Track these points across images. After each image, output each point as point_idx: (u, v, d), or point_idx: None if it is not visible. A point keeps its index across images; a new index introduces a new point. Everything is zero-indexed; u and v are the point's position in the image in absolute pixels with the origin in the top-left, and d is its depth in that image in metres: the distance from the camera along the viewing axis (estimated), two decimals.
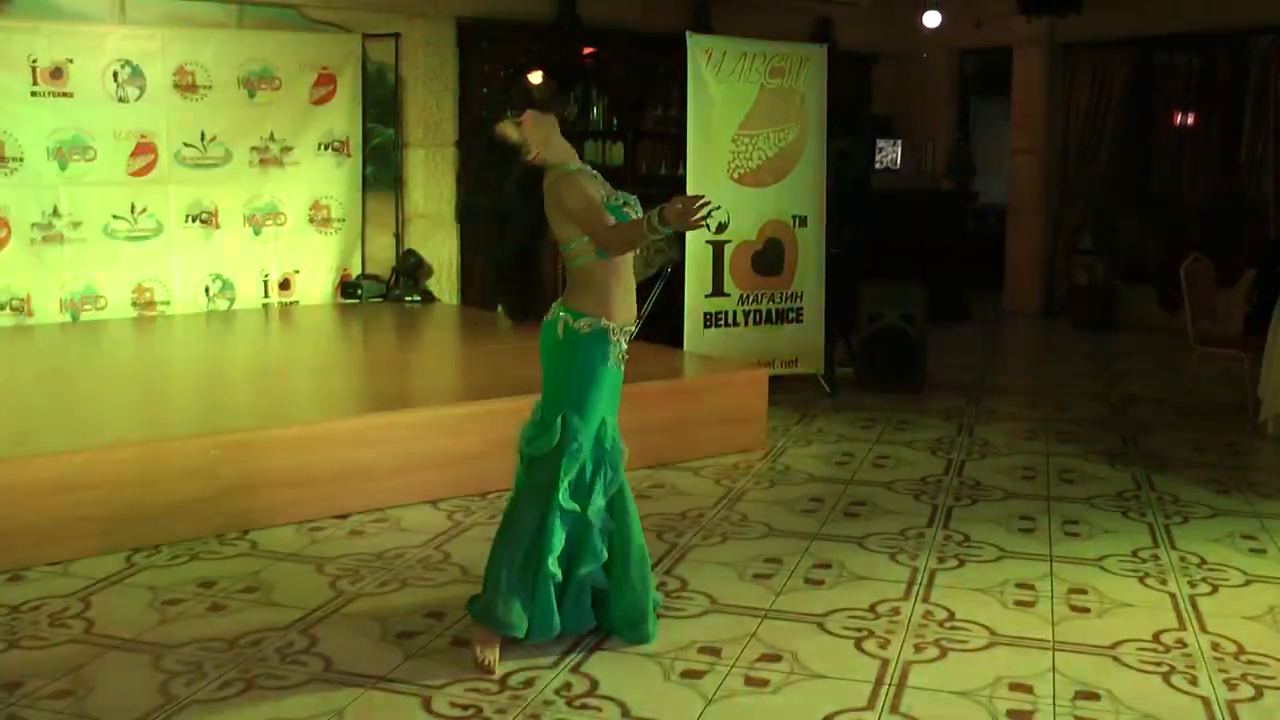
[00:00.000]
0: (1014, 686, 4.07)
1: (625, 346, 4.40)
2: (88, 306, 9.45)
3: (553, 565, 4.26)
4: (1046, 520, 5.97)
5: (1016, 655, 4.34)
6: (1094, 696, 4.01)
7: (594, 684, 4.10)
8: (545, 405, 4.37)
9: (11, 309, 9.14)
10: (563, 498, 4.25)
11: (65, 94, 9.19)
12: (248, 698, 4.00)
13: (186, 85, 9.64)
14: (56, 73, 9.12)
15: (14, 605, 4.84)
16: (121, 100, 9.41)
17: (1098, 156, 13.34)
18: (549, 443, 4.28)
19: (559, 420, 4.29)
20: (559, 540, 4.27)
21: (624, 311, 4.38)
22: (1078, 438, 7.76)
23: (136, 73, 9.44)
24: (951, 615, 4.70)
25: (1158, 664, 4.27)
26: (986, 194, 14.37)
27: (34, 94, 9.07)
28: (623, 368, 4.44)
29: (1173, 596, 4.95)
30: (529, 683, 4.09)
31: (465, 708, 3.92)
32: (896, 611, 4.74)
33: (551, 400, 4.35)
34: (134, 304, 9.65)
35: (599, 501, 4.33)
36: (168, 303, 9.75)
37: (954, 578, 5.14)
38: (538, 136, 4.36)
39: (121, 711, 3.92)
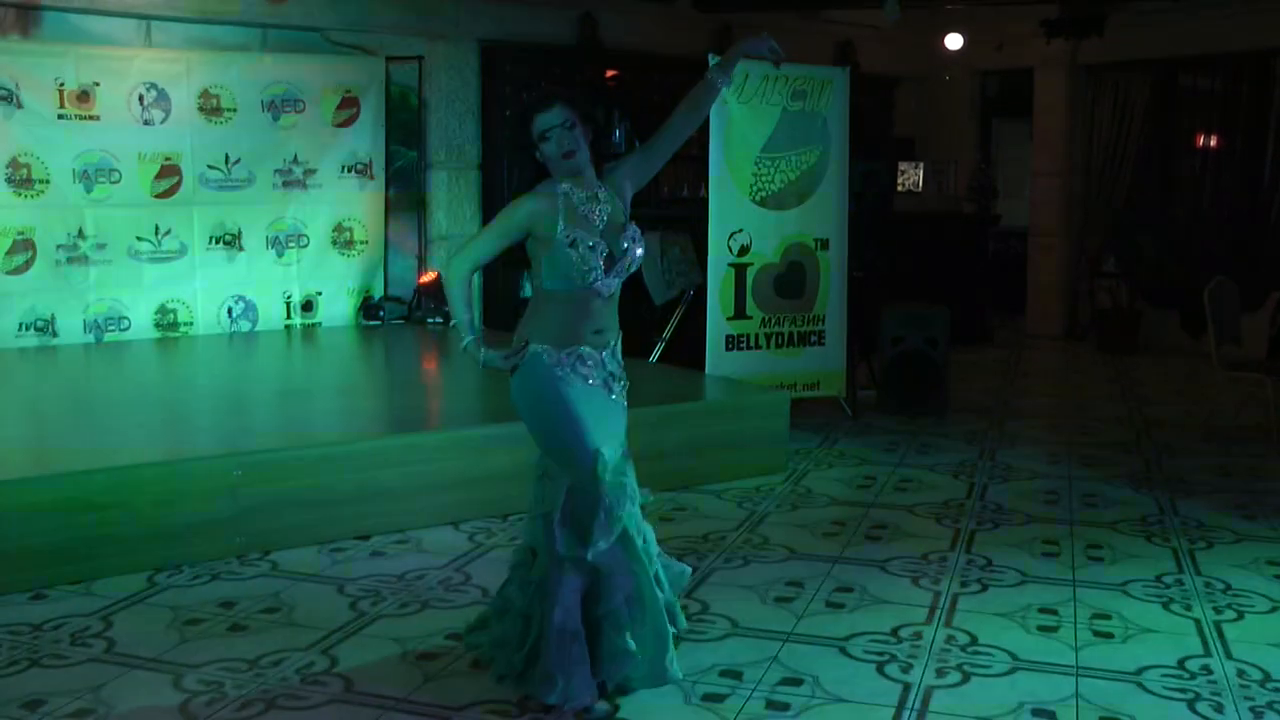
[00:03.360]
0: (1037, 712, 4.04)
1: (600, 369, 4.18)
2: (111, 327, 9.50)
3: (567, 621, 4.03)
4: (1070, 544, 5.94)
5: (1039, 680, 4.30)
6: None
7: (615, 707, 4.09)
8: (538, 458, 4.26)
9: (36, 329, 9.20)
10: (563, 548, 4.03)
11: (91, 117, 9.26)
12: (268, 718, 4.00)
13: (211, 108, 9.70)
14: (83, 96, 9.19)
15: (36, 624, 4.87)
16: (147, 123, 9.47)
17: (1120, 178, 13.30)
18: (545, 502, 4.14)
19: (543, 478, 4.20)
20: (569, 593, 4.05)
21: (568, 336, 4.15)
22: (1101, 461, 7.72)
23: (162, 96, 9.50)
24: (974, 640, 4.68)
25: (1182, 691, 4.24)
26: (1009, 216, 14.33)
27: (60, 117, 9.14)
28: (614, 392, 4.24)
29: (1197, 622, 4.91)
30: (548, 707, 4.08)
31: None
32: (919, 636, 4.72)
33: (539, 450, 4.25)
34: (157, 325, 9.70)
35: (600, 545, 4.02)
36: (191, 324, 9.79)
37: (977, 602, 5.12)
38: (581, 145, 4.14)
39: None
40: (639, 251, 4.24)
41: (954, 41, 13.26)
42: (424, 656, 4.46)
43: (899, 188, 14.03)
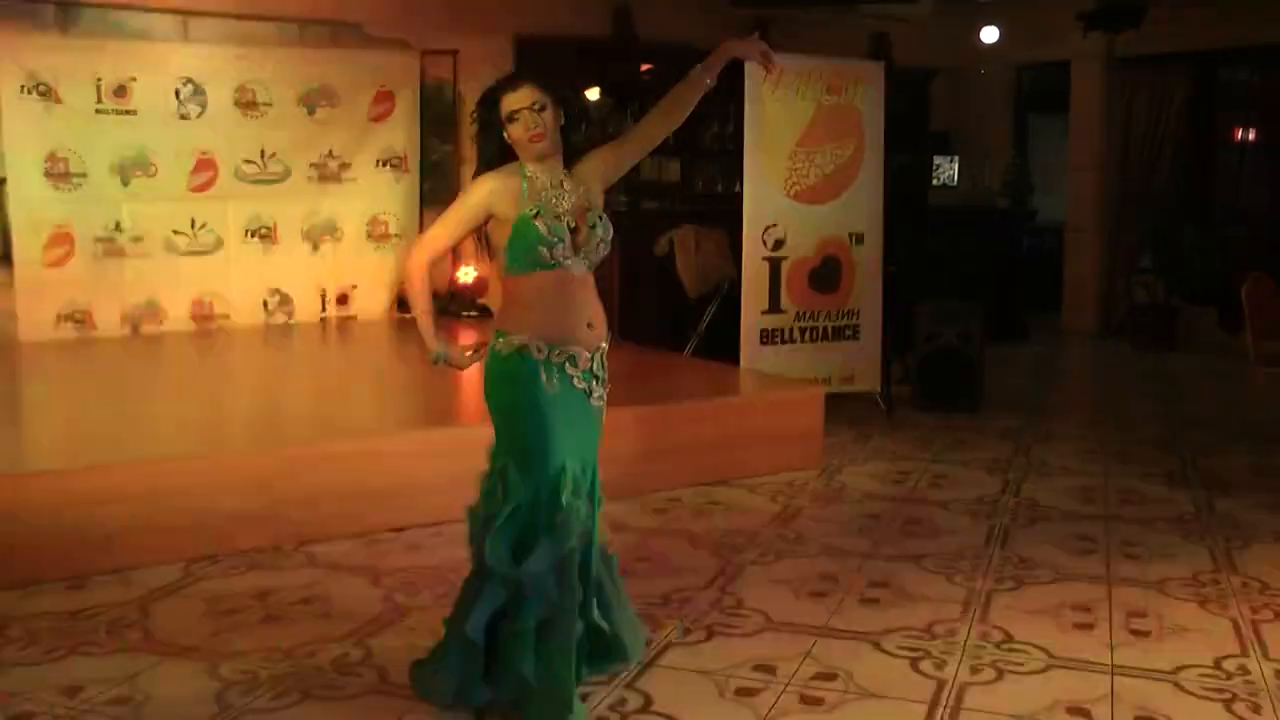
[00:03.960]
0: (1071, 710, 4.02)
1: (587, 371, 3.97)
2: (148, 320, 9.57)
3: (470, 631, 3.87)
4: (1105, 542, 5.91)
5: (1074, 679, 4.28)
6: None
7: (648, 700, 4.09)
8: (493, 451, 4.02)
9: (74, 322, 9.29)
10: (491, 558, 3.85)
11: (129, 111, 9.35)
12: (303, 708, 4.03)
13: (247, 103, 9.76)
14: (120, 91, 9.28)
15: (74, 612, 4.91)
16: (183, 118, 9.56)
17: (1157, 173, 13.20)
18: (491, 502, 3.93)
19: (497, 473, 3.95)
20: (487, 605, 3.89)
21: (559, 329, 3.90)
22: (1137, 459, 7.67)
23: (198, 91, 9.59)
24: (1009, 637, 4.66)
25: (1219, 690, 4.21)
26: (1044, 212, 14.26)
27: (98, 111, 9.25)
28: (593, 396, 4.02)
29: (1234, 622, 4.88)
30: (583, 697, 4.08)
31: None
32: (953, 632, 4.71)
33: (496, 445, 4.01)
34: (193, 317, 9.77)
35: (533, 566, 3.82)
36: (227, 316, 9.86)
37: (1011, 599, 5.10)
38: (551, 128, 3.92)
39: (178, 719, 3.96)
40: (609, 236, 4.02)
41: (990, 35, 13.18)
42: None
43: (933, 182, 13.98)
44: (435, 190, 10.73)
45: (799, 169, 8.60)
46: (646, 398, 7.23)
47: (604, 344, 4.06)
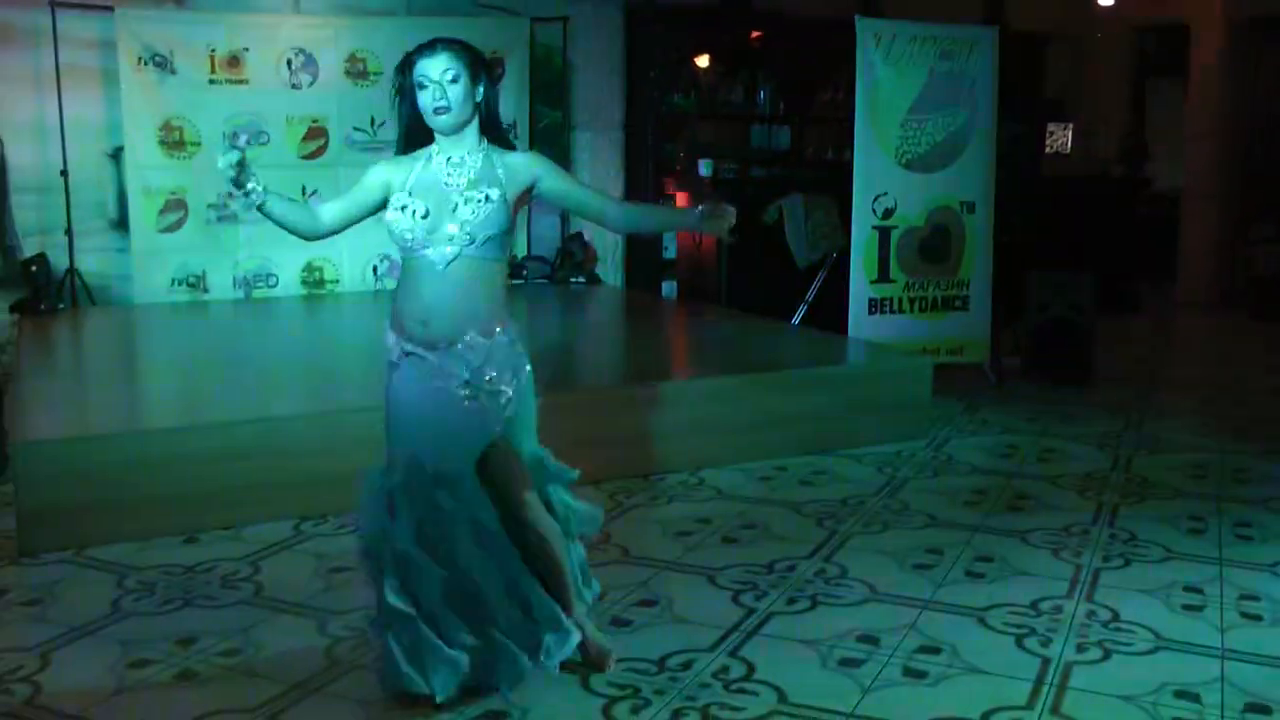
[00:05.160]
0: (1180, 694, 3.96)
1: (457, 368, 3.77)
2: (260, 284, 9.77)
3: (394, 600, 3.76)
4: (1217, 521, 5.80)
5: (1183, 661, 4.23)
6: (1265, 710, 3.88)
7: (751, 668, 4.12)
8: None
9: (188, 285, 9.51)
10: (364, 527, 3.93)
11: (241, 82, 9.54)
12: None
13: (357, 72, 9.89)
14: (233, 62, 9.47)
15: (189, 566, 5.08)
16: (295, 87, 9.72)
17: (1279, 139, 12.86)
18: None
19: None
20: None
21: (402, 321, 3.83)
22: (1253, 435, 7.51)
23: (310, 60, 9.73)
24: (1116, 616, 4.61)
25: None
26: (1160, 179, 13.97)
27: (212, 82, 9.44)
28: (473, 393, 3.79)
29: None
30: (687, 665, 4.13)
31: (623, 688, 3.97)
32: (1059, 609, 4.67)
33: None
34: (304, 282, 9.95)
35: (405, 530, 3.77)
36: (337, 281, 10.02)
37: (1119, 577, 5.04)
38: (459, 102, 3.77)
39: (288, 672, 4.07)
40: (478, 221, 3.75)
41: None
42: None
43: (1046, 150, 13.76)
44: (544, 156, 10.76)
45: (910, 137, 8.52)
46: (754, 366, 7.25)
47: (465, 337, 3.78)
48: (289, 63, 9.69)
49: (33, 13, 8.88)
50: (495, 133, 3.90)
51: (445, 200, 3.77)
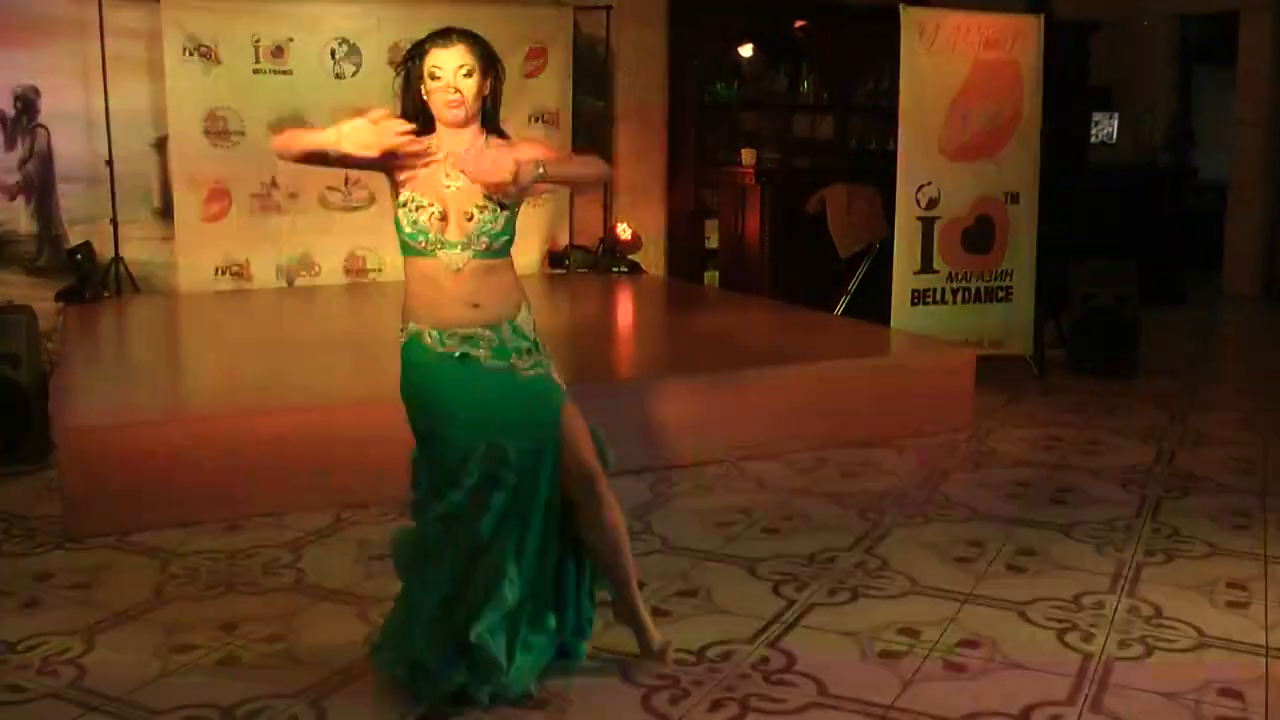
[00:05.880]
0: (1223, 692, 3.91)
1: (500, 347, 3.71)
2: (303, 272, 9.83)
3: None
4: (1263, 517, 5.73)
5: (1227, 659, 4.18)
6: None
7: (791, 659, 4.11)
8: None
9: (232, 274, 9.58)
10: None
11: (285, 71, 9.58)
12: None
13: (401, 61, 9.88)
14: (277, 51, 9.53)
15: (231, 552, 5.13)
16: (338, 77, 9.75)
17: None
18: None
19: (413, 462, 3.87)
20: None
21: (444, 314, 3.69)
22: None
23: (353, 50, 9.77)
24: (1159, 612, 4.57)
25: None
26: (1207, 169, 13.82)
27: (256, 72, 9.49)
28: (521, 370, 3.75)
29: None
30: (726, 656, 4.13)
31: (662, 678, 3.97)
32: (1101, 605, 4.63)
33: (413, 433, 3.84)
34: (346, 271, 9.99)
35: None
36: (379, 270, 10.05)
37: (1162, 573, 4.99)
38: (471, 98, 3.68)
39: (329, 658, 4.10)
40: (498, 228, 3.72)
41: None
42: (602, 603, 4.38)
43: (1091, 139, 13.64)
44: (587, 146, 10.77)
45: (954, 126, 8.47)
46: (796, 357, 7.23)
47: (509, 319, 3.76)
48: (332, 52, 9.72)
49: (80, 4, 8.94)
50: (493, 125, 3.81)
51: (459, 204, 3.67)
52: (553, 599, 3.90)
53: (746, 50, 11.56)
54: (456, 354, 3.67)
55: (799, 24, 11.79)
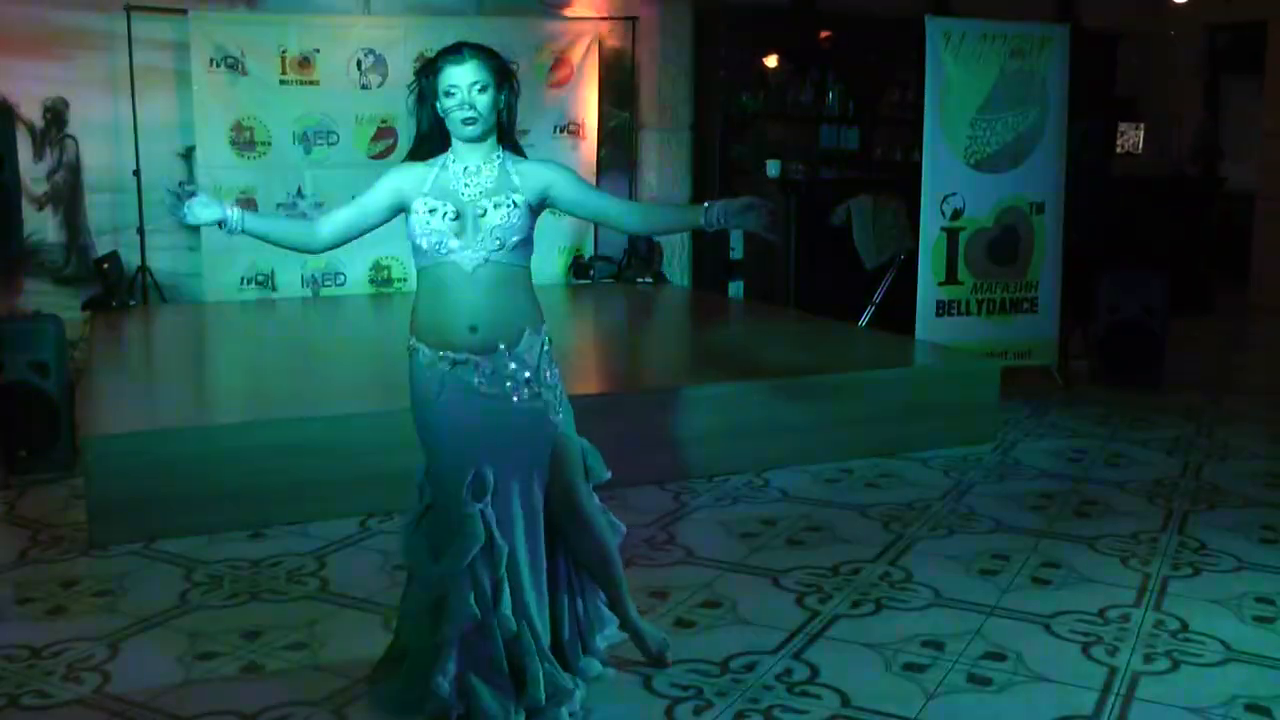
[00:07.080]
0: (1250, 707, 3.89)
1: (498, 374, 3.66)
2: (328, 282, 9.87)
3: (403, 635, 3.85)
4: None
5: (1254, 674, 4.15)
6: None
7: (815, 671, 4.11)
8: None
9: (258, 283, 9.63)
10: (408, 557, 3.82)
11: (312, 82, 9.65)
12: None
13: (414, 77, 9.93)
14: (304, 62, 9.59)
15: (255, 560, 5.15)
16: (364, 88, 9.81)
17: None
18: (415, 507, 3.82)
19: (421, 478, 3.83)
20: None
21: (440, 331, 3.68)
22: None
23: (379, 61, 9.82)
24: (1185, 626, 4.55)
25: None
26: (1235, 179, 13.74)
27: (282, 82, 9.56)
28: (516, 399, 3.69)
29: None
30: (750, 667, 4.13)
31: (685, 688, 3.97)
32: (1126, 618, 4.61)
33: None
34: (372, 281, 10.03)
35: (448, 568, 3.63)
36: (404, 280, 10.07)
37: (1188, 587, 4.97)
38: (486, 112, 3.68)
39: (353, 667, 4.11)
40: (511, 223, 3.66)
41: None
42: None
43: (1117, 149, 13.58)
44: (612, 157, 10.81)
45: (980, 136, 8.44)
46: (821, 367, 7.22)
47: (511, 345, 3.68)
48: (358, 63, 9.78)
49: (109, 16, 9.03)
50: (510, 140, 3.81)
51: (473, 205, 3.65)
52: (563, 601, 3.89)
53: (772, 61, 11.57)
54: (449, 376, 3.66)
55: (824, 35, 11.80)
